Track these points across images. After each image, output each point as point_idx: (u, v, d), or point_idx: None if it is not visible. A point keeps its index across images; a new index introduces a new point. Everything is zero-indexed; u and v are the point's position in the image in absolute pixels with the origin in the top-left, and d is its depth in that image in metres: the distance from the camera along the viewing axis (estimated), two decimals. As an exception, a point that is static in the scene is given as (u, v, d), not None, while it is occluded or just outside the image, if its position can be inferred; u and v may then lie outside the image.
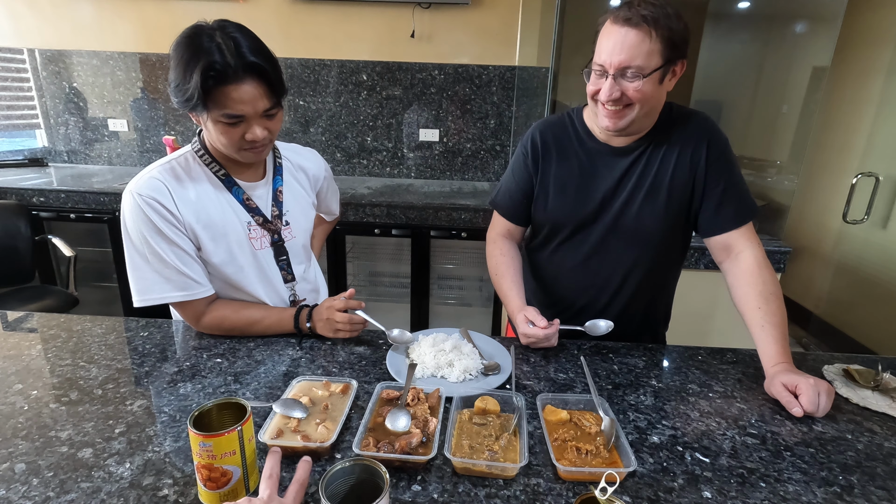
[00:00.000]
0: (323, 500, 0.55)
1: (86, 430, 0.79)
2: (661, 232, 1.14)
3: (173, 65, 0.94)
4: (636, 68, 0.96)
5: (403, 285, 2.80)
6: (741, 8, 2.38)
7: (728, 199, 1.10)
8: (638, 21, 0.94)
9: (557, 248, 1.23)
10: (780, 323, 1.00)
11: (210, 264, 1.10)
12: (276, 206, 1.17)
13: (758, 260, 1.06)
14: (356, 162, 3.05)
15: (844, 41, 2.25)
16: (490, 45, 2.79)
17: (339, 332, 1.09)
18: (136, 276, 1.04)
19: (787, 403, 0.90)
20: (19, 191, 2.43)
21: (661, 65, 0.97)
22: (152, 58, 2.89)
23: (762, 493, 0.71)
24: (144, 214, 1.00)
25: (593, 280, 1.21)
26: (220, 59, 0.90)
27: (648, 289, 1.22)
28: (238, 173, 1.12)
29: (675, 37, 0.96)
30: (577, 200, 1.16)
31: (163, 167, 1.05)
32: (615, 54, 0.96)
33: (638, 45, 0.94)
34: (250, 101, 0.95)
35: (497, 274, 1.25)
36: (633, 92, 0.98)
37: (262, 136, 1.00)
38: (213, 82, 0.91)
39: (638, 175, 1.11)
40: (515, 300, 1.17)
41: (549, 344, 1.09)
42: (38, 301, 2.25)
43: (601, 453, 0.75)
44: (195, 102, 0.93)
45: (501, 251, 1.26)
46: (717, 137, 1.10)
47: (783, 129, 2.36)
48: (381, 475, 0.59)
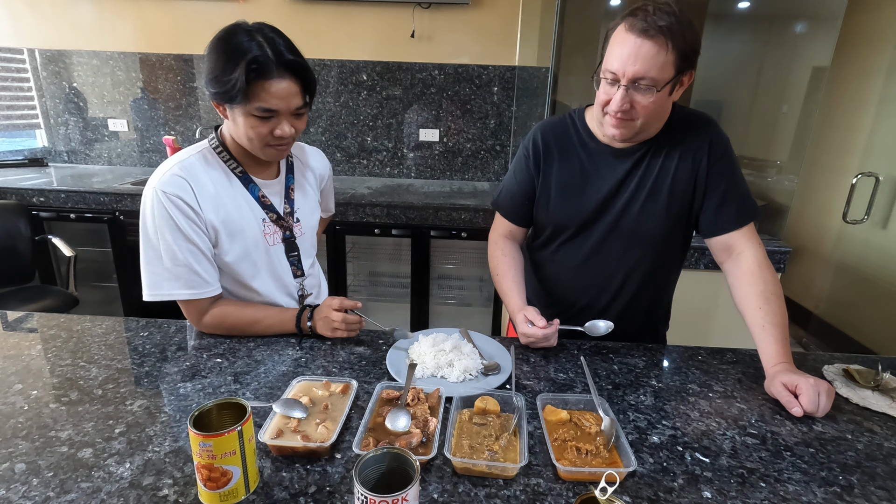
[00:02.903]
0: (357, 485, 0.55)
1: (86, 430, 0.79)
2: (662, 233, 1.14)
3: (212, 57, 0.98)
4: (650, 80, 0.94)
5: (403, 285, 2.81)
6: (741, 8, 2.38)
7: (729, 199, 1.10)
8: (655, 32, 0.91)
9: (559, 249, 1.23)
10: (780, 323, 1.00)
11: (223, 261, 1.11)
12: (288, 203, 1.20)
13: (759, 260, 1.07)
14: (356, 162, 3.05)
15: (844, 41, 2.25)
16: (490, 45, 2.79)
17: (337, 331, 1.09)
18: (148, 271, 1.06)
19: (787, 403, 0.90)
20: (19, 191, 2.43)
21: (674, 77, 0.96)
22: (152, 58, 2.89)
23: (762, 493, 0.71)
24: (165, 211, 1.02)
25: (594, 280, 1.21)
26: (262, 54, 0.95)
27: (649, 289, 1.22)
28: (254, 171, 1.14)
29: (689, 48, 0.95)
30: (579, 202, 1.16)
31: (184, 163, 1.06)
32: (629, 64, 0.94)
33: (654, 57, 0.92)
34: (285, 98, 0.99)
35: (498, 274, 1.25)
36: (642, 106, 0.98)
37: (290, 133, 1.03)
38: (255, 75, 0.95)
39: (640, 177, 1.11)
40: (516, 300, 1.18)
41: (549, 344, 1.09)
42: (38, 301, 2.25)
43: (601, 453, 0.75)
44: (234, 94, 0.96)
45: (503, 252, 1.26)
46: (719, 138, 1.10)
47: (783, 129, 2.36)
48: (412, 464, 0.59)
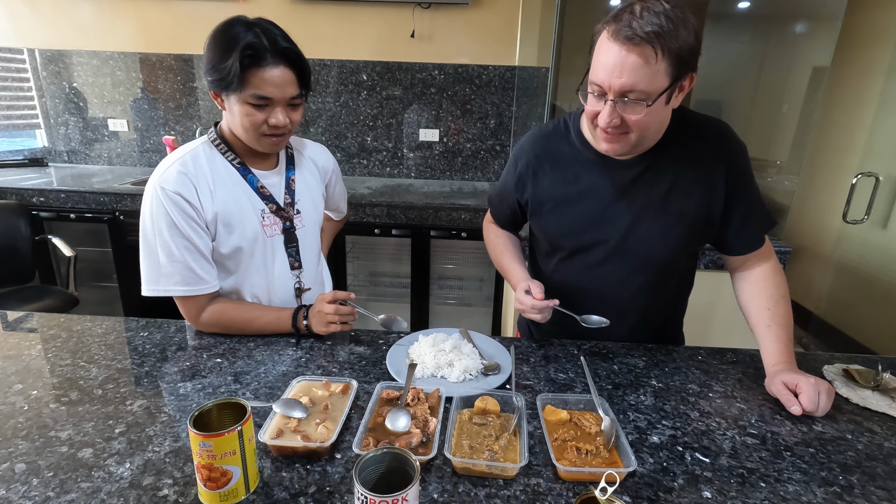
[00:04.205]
0: (357, 485, 0.55)
1: (86, 430, 0.79)
2: (670, 255, 1.04)
3: (211, 47, 1.00)
4: (640, 93, 0.83)
5: (403, 285, 2.81)
6: (741, 8, 2.38)
7: (751, 218, 1.02)
8: (641, 40, 0.79)
9: (557, 267, 1.15)
10: (786, 325, 1.00)
11: (219, 253, 1.11)
12: (288, 194, 1.20)
13: (773, 265, 1.06)
14: (356, 162, 3.05)
15: (844, 41, 2.25)
16: (490, 45, 2.79)
17: (331, 324, 1.09)
18: (146, 266, 1.07)
19: (787, 402, 0.90)
20: (19, 191, 2.43)
21: (668, 85, 0.84)
22: (152, 58, 2.89)
23: (762, 493, 0.71)
24: (164, 208, 1.03)
25: (595, 304, 1.08)
26: (258, 42, 0.97)
27: (656, 312, 1.14)
28: (253, 163, 1.15)
29: (684, 51, 0.82)
30: (574, 218, 1.06)
31: (184, 158, 1.07)
32: (615, 77, 0.83)
33: (642, 68, 0.81)
34: (280, 85, 1.01)
35: (497, 253, 1.24)
36: (634, 121, 0.87)
37: (284, 122, 1.05)
38: (250, 61, 0.97)
39: (645, 192, 1.00)
40: (518, 272, 1.14)
41: (541, 318, 1.03)
42: (38, 301, 2.25)
43: (601, 453, 0.75)
44: (229, 80, 0.98)
45: (497, 233, 1.27)
46: (738, 151, 0.99)
47: (783, 129, 2.36)
48: (412, 464, 0.59)
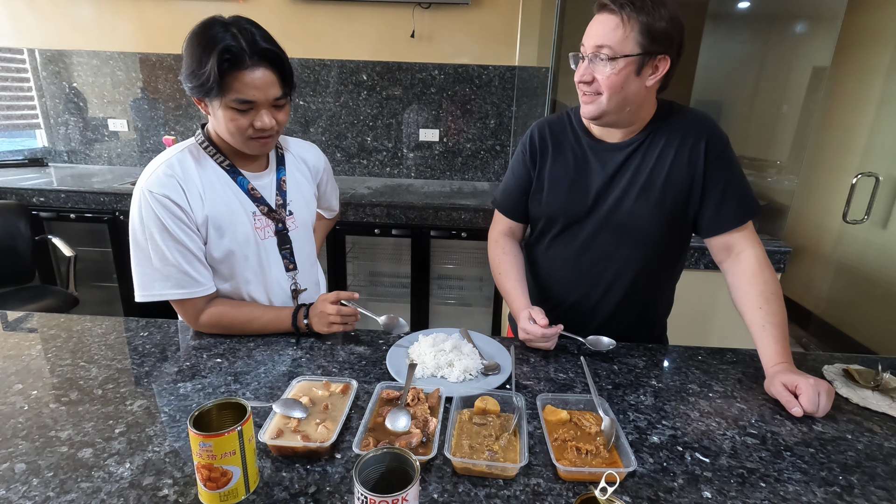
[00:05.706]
0: (357, 485, 0.55)
1: (86, 430, 0.79)
2: (655, 230, 1.12)
3: (188, 52, 0.97)
4: (608, 49, 0.97)
5: (403, 285, 2.81)
6: (741, 8, 2.38)
7: (729, 197, 1.08)
8: (613, 6, 0.97)
9: (551, 244, 1.23)
10: (780, 323, 1.00)
11: (212, 257, 1.10)
12: (280, 195, 1.19)
13: (759, 260, 1.06)
14: (356, 162, 3.05)
15: (844, 41, 2.25)
16: (490, 45, 2.79)
17: (333, 325, 1.09)
18: (139, 272, 1.05)
19: (787, 403, 0.90)
20: (19, 191, 2.43)
21: (637, 54, 0.97)
22: (152, 58, 2.89)
23: (762, 493, 0.71)
24: (153, 212, 1.01)
25: (585, 276, 1.19)
26: (236, 44, 0.94)
27: (642, 289, 1.20)
28: (242, 164, 1.14)
29: (657, 28, 0.96)
30: (570, 194, 1.15)
31: (170, 161, 1.06)
32: (590, 37, 1.00)
33: (612, 30, 0.97)
34: (262, 88, 0.98)
35: (500, 273, 1.25)
36: (604, 77, 0.99)
37: (270, 124, 1.02)
38: (229, 66, 0.94)
39: (632, 171, 1.10)
40: (520, 299, 1.18)
41: (547, 346, 1.09)
42: (38, 301, 2.25)
43: (601, 453, 0.75)
44: (209, 86, 0.95)
45: (504, 250, 1.26)
46: (717, 135, 1.08)
47: (783, 129, 2.35)
48: (412, 464, 0.59)
